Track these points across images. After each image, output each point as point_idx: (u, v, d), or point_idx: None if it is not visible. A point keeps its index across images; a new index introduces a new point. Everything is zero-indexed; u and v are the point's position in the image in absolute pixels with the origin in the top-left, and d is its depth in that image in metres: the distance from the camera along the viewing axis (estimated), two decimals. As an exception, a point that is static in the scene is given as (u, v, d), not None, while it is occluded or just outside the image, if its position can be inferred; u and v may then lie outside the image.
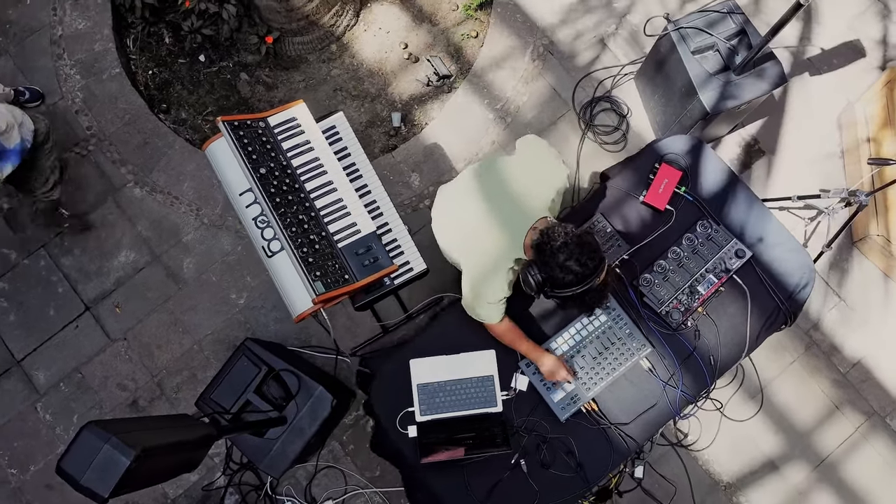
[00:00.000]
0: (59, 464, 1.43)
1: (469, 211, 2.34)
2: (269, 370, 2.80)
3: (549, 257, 2.08)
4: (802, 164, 3.60)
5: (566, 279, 2.07)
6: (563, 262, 2.06)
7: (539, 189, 2.29)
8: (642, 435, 2.60)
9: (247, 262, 3.52)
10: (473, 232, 2.32)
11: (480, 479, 2.53)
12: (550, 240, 2.10)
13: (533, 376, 2.58)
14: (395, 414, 2.57)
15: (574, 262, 2.05)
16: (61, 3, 3.79)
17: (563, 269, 2.06)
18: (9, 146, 2.67)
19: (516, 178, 2.31)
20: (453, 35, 3.87)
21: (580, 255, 2.05)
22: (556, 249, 2.07)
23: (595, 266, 2.07)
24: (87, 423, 1.44)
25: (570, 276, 2.06)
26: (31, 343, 3.45)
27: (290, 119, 2.42)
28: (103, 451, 1.37)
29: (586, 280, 2.07)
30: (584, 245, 2.07)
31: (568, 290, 2.10)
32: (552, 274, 2.08)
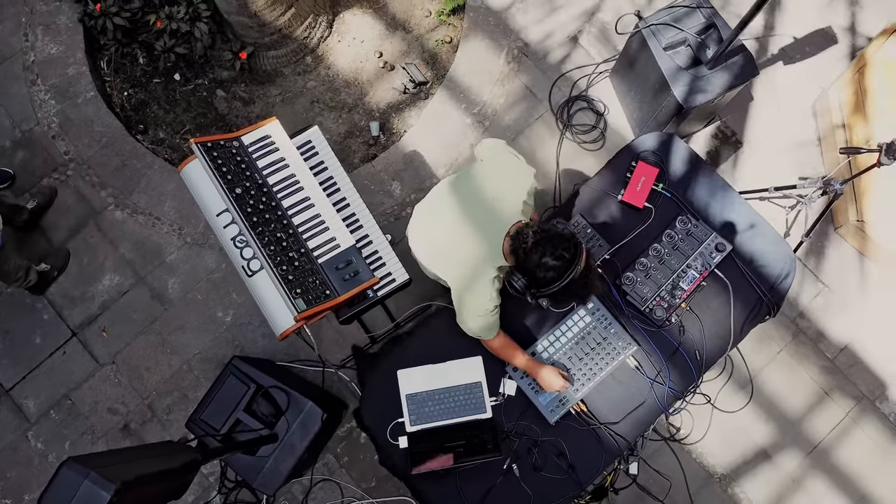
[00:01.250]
0: (40, 502, 1.43)
1: (444, 224, 2.33)
2: (257, 388, 2.80)
3: (525, 260, 2.07)
4: (779, 154, 3.62)
5: (548, 276, 2.04)
6: (539, 260, 2.03)
7: (508, 193, 2.28)
8: (632, 433, 2.61)
9: (232, 279, 3.51)
10: (449, 244, 2.32)
11: (474, 486, 2.54)
12: (522, 242, 2.09)
13: (521, 381, 2.59)
14: (386, 425, 2.58)
15: (549, 257, 2.02)
16: (32, 28, 3.78)
17: (541, 267, 2.04)
18: None
19: (485, 186, 2.30)
20: (427, 41, 3.87)
21: (554, 249, 2.02)
22: (529, 250, 2.05)
23: (572, 256, 2.03)
24: (66, 459, 1.43)
25: (551, 273, 2.03)
26: (19, 372, 3.43)
27: (265, 137, 2.42)
28: (83, 487, 1.37)
29: (567, 272, 2.04)
30: (555, 238, 2.04)
31: (554, 287, 2.07)
32: (534, 276, 2.07)
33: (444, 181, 2.46)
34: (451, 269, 2.33)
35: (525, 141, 3.64)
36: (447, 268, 2.35)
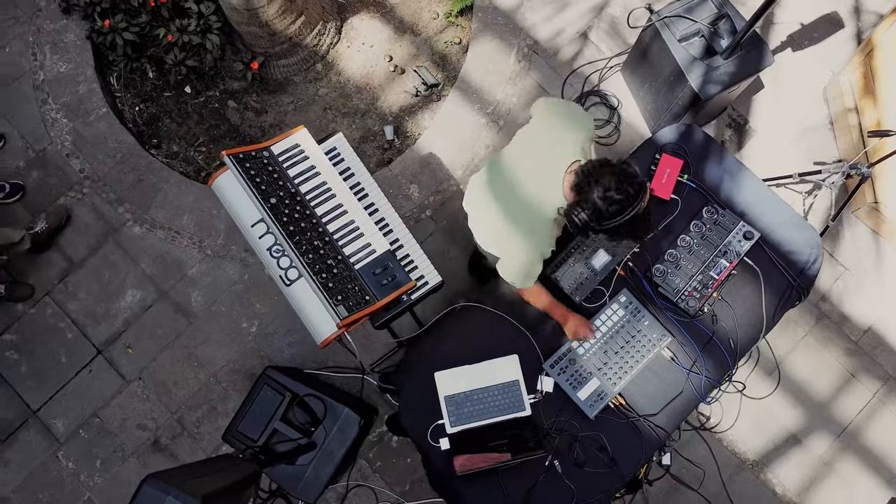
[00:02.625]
0: None
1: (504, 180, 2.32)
2: (292, 397, 2.80)
3: (589, 192, 2.04)
4: (792, 139, 3.65)
5: (610, 210, 2.02)
6: (604, 193, 2.01)
7: (569, 134, 2.25)
8: (670, 423, 2.62)
9: (254, 289, 3.51)
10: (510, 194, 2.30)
11: (516, 485, 2.54)
12: (588, 175, 2.07)
13: (558, 377, 2.60)
14: (426, 428, 2.58)
15: (615, 191, 2.00)
16: (40, 47, 3.76)
17: (605, 200, 2.01)
18: None
19: (543, 134, 2.28)
20: (436, 43, 3.88)
21: (619, 183, 2.00)
22: (594, 182, 2.04)
23: (636, 191, 2.02)
24: (146, 476, 1.43)
25: (615, 206, 2.01)
26: (46, 392, 3.42)
27: (294, 146, 2.42)
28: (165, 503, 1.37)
29: (631, 207, 2.02)
30: (621, 173, 2.03)
31: (614, 221, 2.04)
32: (596, 207, 2.03)
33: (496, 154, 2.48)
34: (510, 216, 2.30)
35: (540, 138, 3.64)
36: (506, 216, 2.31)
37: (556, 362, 2.61)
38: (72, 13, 3.78)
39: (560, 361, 2.61)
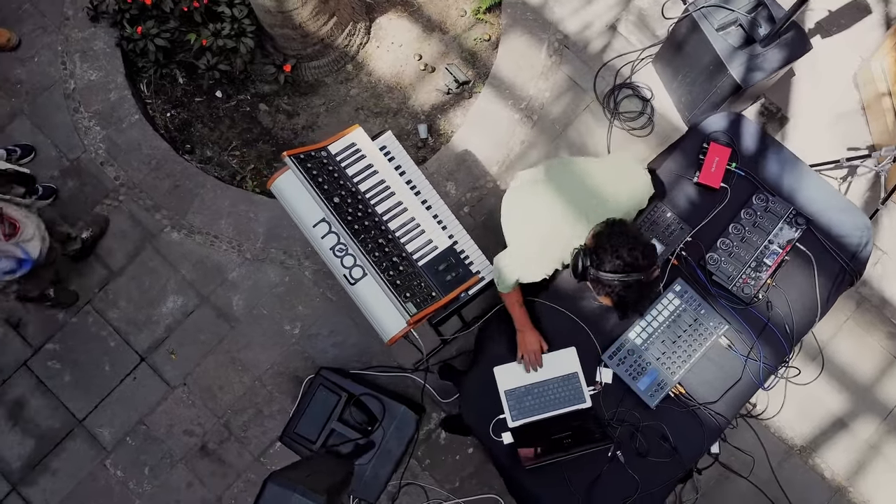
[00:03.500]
0: None
1: (544, 197, 2.36)
2: (349, 396, 2.80)
3: (604, 241, 2.09)
4: (825, 126, 3.66)
5: (614, 263, 2.05)
6: (616, 248, 2.05)
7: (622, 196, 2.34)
8: (730, 411, 2.63)
9: (296, 291, 3.50)
10: (544, 215, 2.34)
11: (580, 476, 2.55)
12: (613, 226, 2.11)
13: (617, 368, 2.60)
14: (487, 423, 2.58)
15: (626, 251, 2.05)
16: (70, 56, 3.75)
17: (614, 254, 2.05)
18: (32, 255, 2.71)
19: (603, 180, 2.33)
20: (465, 40, 3.88)
21: (633, 249, 2.05)
22: (613, 235, 2.09)
23: (646, 265, 2.06)
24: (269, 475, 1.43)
25: (618, 262, 2.05)
26: (91, 401, 3.41)
27: (350, 145, 2.43)
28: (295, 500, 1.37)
29: (633, 272, 2.05)
30: (644, 243, 2.08)
31: (610, 275, 2.06)
32: (602, 256, 2.07)
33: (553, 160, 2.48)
34: (536, 232, 2.34)
35: (574, 132, 3.66)
36: (532, 230, 2.35)
37: (615, 353, 2.62)
38: (100, 21, 3.77)
39: (618, 352, 2.62)
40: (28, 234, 2.72)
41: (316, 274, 3.51)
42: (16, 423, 3.41)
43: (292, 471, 1.57)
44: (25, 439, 3.39)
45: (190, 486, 3.35)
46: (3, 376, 3.44)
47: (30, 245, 2.74)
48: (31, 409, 3.42)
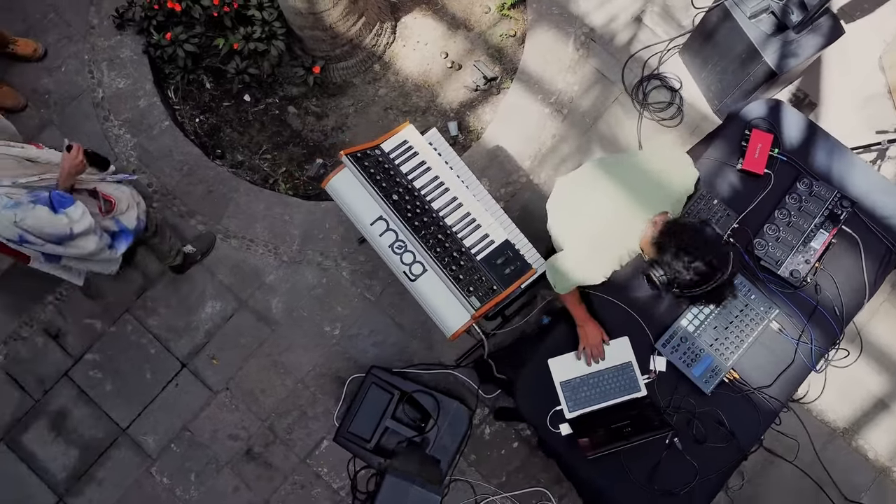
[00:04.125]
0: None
1: (593, 198, 2.38)
2: (401, 394, 2.80)
3: (673, 258, 2.11)
4: (852, 110, 3.69)
5: (693, 280, 2.08)
6: (688, 263, 2.08)
7: (670, 183, 2.34)
8: (784, 394, 2.66)
9: (334, 292, 3.51)
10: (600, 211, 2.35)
11: (638, 465, 2.57)
12: (672, 238, 2.13)
13: (671, 356, 2.62)
14: (544, 415, 2.60)
15: (700, 262, 2.06)
16: (97, 64, 3.74)
17: (689, 269, 2.08)
18: (129, 226, 2.74)
19: (647, 171, 2.34)
20: (491, 37, 3.89)
21: (705, 254, 2.07)
22: (680, 249, 2.10)
23: (720, 262, 2.08)
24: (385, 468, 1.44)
25: (697, 277, 2.07)
26: (134, 409, 3.41)
27: (403, 142, 2.44)
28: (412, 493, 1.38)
29: (714, 279, 2.08)
30: (707, 243, 2.10)
31: (696, 290, 2.10)
32: (679, 277, 2.10)
33: (595, 160, 2.49)
34: (588, 233, 2.36)
35: (605, 124, 3.68)
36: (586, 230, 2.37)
37: (668, 341, 2.64)
38: (125, 29, 3.76)
39: (671, 340, 2.64)
40: (122, 206, 2.74)
41: (353, 274, 3.52)
42: (59, 433, 3.40)
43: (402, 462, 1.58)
44: (69, 450, 3.39)
45: (236, 490, 3.36)
46: (44, 387, 3.43)
47: (125, 217, 2.77)
48: (73, 420, 3.41)
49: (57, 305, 3.49)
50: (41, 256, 2.61)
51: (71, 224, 2.42)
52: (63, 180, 2.48)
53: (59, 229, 2.39)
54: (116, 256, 2.73)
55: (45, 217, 2.35)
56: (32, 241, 2.39)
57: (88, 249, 2.53)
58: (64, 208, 2.41)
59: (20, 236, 2.35)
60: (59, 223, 2.38)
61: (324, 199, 3.68)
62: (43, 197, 2.39)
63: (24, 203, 2.32)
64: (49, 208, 2.37)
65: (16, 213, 2.29)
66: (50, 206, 2.38)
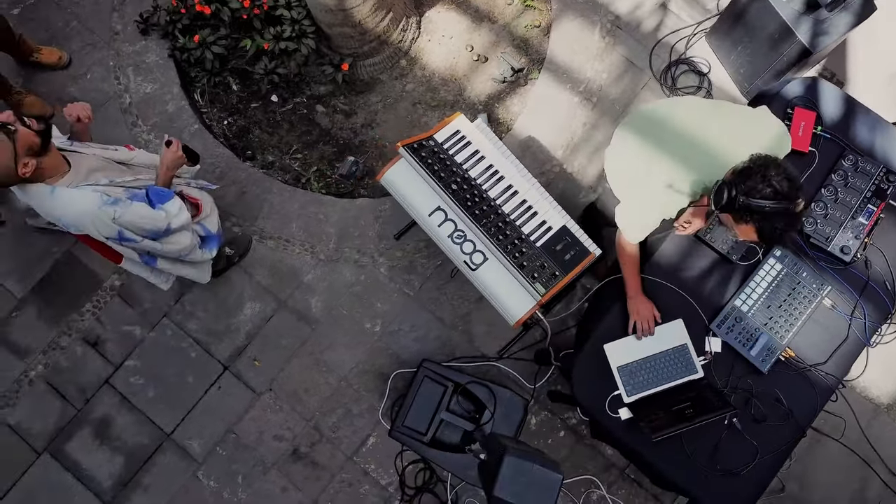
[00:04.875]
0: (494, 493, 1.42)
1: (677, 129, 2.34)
2: (455, 386, 2.80)
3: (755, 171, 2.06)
4: (881, 85, 3.69)
5: (765, 191, 2.04)
6: (769, 176, 2.04)
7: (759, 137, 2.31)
8: (840, 370, 2.66)
9: (373, 289, 3.50)
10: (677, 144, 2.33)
11: (698, 446, 2.57)
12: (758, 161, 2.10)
13: (726, 336, 2.62)
14: (602, 401, 2.59)
15: (777, 179, 2.03)
16: (122, 70, 3.73)
17: (765, 180, 2.04)
18: (213, 230, 2.76)
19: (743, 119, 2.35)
20: (515, 28, 3.89)
21: (784, 179, 2.05)
22: (767, 164, 2.07)
23: (793, 194, 2.05)
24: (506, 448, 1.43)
25: (769, 189, 2.03)
26: (178, 414, 3.39)
27: (455, 132, 2.43)
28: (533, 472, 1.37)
29: (783, 200, 2.04)
30: (793, 175, 2.08)
31: (762, 202, 2.04)
32: (753, 184, 2.05)
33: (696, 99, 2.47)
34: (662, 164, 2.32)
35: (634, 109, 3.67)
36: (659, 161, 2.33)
37: (723, 322, 2.64)
38: (149, 34, 3.75)
39: (726, 321, 2.64)
40: (207, 210, 2.76)
41: (391, 270, 3.51)
42: (103, 441, 3.38)
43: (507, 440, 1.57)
44: (114, 457, 3.37)
45: (285, 490, 3.35)
46: (85, 396, 3.41)
47: (209, 221, 2.79)
48: (117, 427, 3.39)
49: (95, 313, 3.47)
50: (136, 256, 2.59)
51: (169, 219, 2.42)
52: (163, 175, 2.49)
53: (158, 224, 2.40)
54: (207, 257, 2.75)
55: (144, 212, 2.36)
56: (130, 238, 2.38)
57: (183, 244, 2.54)
58: (162, 203, 2.42)
59: (119, 233, 2.34)
60: (157, 217, 2.39)
61: (357, 196, 3.67)
62: (140, 194, 2.40)
63: (122, 200, 2.32)
64: (147, 203, 2.38)
65: (115, 209, 2.29)
66: (148, 202, 2.39)
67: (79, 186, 2.29)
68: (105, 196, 2.30)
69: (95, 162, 2.44)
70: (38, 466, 3.36)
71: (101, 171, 2.43)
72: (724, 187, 2.10)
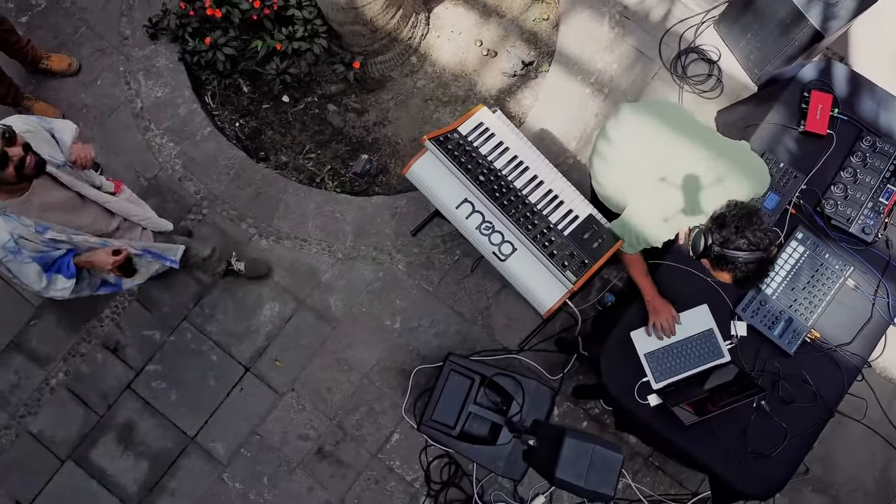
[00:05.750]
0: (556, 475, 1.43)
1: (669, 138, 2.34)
2: (482, 378, 2.81)
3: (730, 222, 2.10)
4: (885, 64, 3.70)
5: (738, 242, 2.08)
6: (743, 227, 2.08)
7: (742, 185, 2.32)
8: (865, 350, 2.68)
9: (391, 286, 3.51)
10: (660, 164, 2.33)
11: (728, 430, 2.58)
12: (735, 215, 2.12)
13: (752, 319, 2.63)
14: (630, 389, 2.60)
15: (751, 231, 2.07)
16: (133, 75, 3.72)
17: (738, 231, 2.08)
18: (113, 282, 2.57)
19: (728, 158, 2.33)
20: (524, 22, 3.90)
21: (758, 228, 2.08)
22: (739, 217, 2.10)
23: (766, 247, 2.08)
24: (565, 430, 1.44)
25: (743, 241, 2.08)
26: (201, 417, 3.39)
27: (479, 124, 2.44)
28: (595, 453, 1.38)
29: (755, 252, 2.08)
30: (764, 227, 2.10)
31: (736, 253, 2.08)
32: (728, 234, 2.10)
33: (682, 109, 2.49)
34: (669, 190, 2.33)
35: (645, 98, 3.68)
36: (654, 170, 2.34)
37: (748, 305, 2.65)
38: (159, 38, 3.75)
39: (751, 304, 2.65)
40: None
41: (409, 266, 3.52)
42: (127, 447, 3.38)
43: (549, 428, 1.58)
44: (139, 462, 3.37)
45: (311, 490, 3.35)
46: (108, 402, 3.41)
47: None
48: (140, 432, 3.39)
49: (114, 319, 3.47)
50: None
51: (48, 290, 2.23)
52: (82, 262, 2.29)
53: (32, 286, 2.20)
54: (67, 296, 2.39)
55: (27, 275, 2.16)
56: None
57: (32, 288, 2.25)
58: (59, 274, 2.22)
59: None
60: (34, 283, 2.19)
61: (372, 194, 3.68)
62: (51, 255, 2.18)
63: (21, 253, 2.11)
64: (41, 268, 2.16)
65: (8, 257, 2.10)
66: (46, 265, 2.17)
67: (4, 215, 2.08)
68: (11, 243, 2.08)
69: (59, 199, 2.25)
70: (62, 474, 3.35)
71: (61, 211, 2.24)
72: (700, 236, 2.15)
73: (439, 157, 2.27)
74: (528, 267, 2.29)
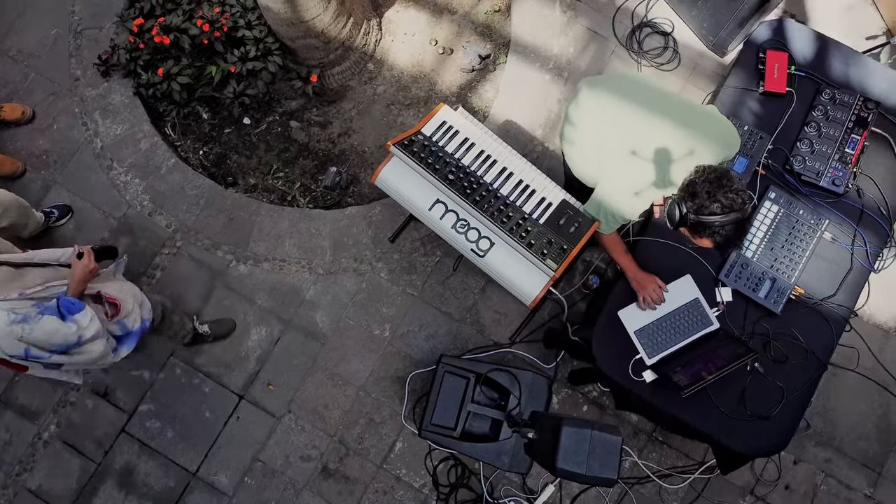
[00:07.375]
0: (558, 465, 1.42)
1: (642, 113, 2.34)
2: (477, 376, 2.79)
3: (699, 188, 2.12)
4: (836, 20, 3.75)
5: (712, 207, 2.10)
6: (712, 191, 2.10)
7: (711, 144, 2.34)
8: (850, 300, 2.71)
9: (376, 295, 3.48)
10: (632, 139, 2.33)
11: (726, 396, 2.59)
12: (706, 175, 2.14)
13: (735, 284, 2.65)
14: (625, 367, 2.61)
15: (722, 194, 2.09)
16: (89, 115, 3.67)
17: (711, 197, 2.09)
18: (131, 328, 2.57)
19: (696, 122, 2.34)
20: (476, 16, 3.90)
21: (727, 192, 2.10)
22: (707, 180, 2.11)
23: (740, 206, 2.10)
24: (562, 419, 1.43)
25: (717, 205, 2.09)
26: (200, 451, 3.35)
27: (442, 123, 2.42)
28: (593, 438, 1.37)
29: (730, 213, 2.10)
30: (735, 187, 2.11)
31: (711, 217, 2.11)
32: (701, 202, 2.11)
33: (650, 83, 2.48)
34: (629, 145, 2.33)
35: (606, 80, 3.69)
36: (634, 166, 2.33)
37: (730, 271, 2.67)
38: (111, 74, 3.70)
39: (733, 269, 2.67)
40: (128, 307, 2.58)
41: (391, 273, 3.50)
42: (129, 491, 3.33)
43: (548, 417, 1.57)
44: (143, 504, 3.32)
45: (320, 509, 3.32)
46: (104, 448, 3.35)
47: (129, 319, 2.59)
48: (140, 474, 3.34)
49: (100, 363, 3.40)
50: (40, 366, 2.43)
51: (80, 331, 2.26)
52: (74, 288, 2.32)
53: (68, 338, 2.23)
54: (123, 355, 2.56)
55: (54, 327, 2.19)
56: (37, 355, 2.21)
57: (96, 354, 2.35)
58: (73, 314, 2.25)
59: (26, 351, 2.18)
60: (67, 332, 2.22)
61: (346, 205, 3.65)
62: (50, 306, 2.22)
63: (31, 316, 2.15)
64: (57, 317, 2.21)
65: (23, 327, 2.13)
66: (58, 315, 2.21)
67: None
68: (13, 314, 2.12)
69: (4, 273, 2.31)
70: (66, 527, 3.30)
71: (11, 280, 2.30)
72: (674, 206, 2.16)
73: (406, 161, 2.26)
74: (508, 260, 2.28)
